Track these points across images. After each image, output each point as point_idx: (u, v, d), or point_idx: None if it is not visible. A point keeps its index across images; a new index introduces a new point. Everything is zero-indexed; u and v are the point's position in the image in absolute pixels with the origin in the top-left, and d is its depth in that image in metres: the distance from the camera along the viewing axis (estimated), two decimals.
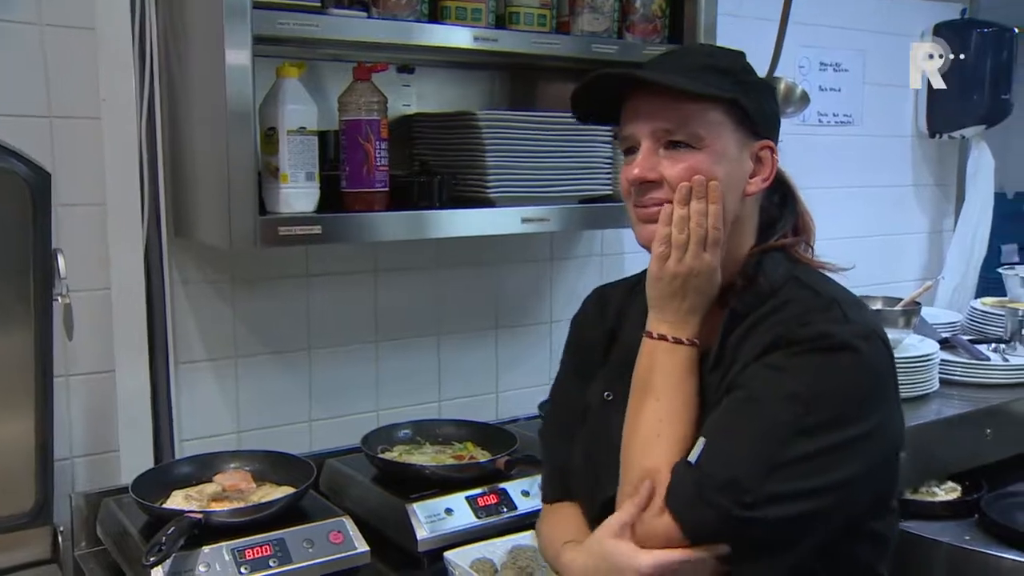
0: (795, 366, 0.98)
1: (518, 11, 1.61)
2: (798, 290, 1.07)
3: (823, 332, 0.99)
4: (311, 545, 1.33)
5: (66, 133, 1.49)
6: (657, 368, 1.05)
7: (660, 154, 1.06)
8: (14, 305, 1.28)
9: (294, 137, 1.42)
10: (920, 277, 2.77)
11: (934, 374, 2.01)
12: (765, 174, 1.09)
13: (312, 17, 1.39)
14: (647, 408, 1.04)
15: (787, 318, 1.03)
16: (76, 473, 1.56)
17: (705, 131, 1.04)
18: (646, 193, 1.07)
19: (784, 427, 0.96)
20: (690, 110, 1.04)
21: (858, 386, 0.99)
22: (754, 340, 1.03)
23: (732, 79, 1.05)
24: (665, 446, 1.01)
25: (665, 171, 1.05)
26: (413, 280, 1.87)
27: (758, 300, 1.06)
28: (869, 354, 1.00)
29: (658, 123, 1.05)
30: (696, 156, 1.04)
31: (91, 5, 1.47)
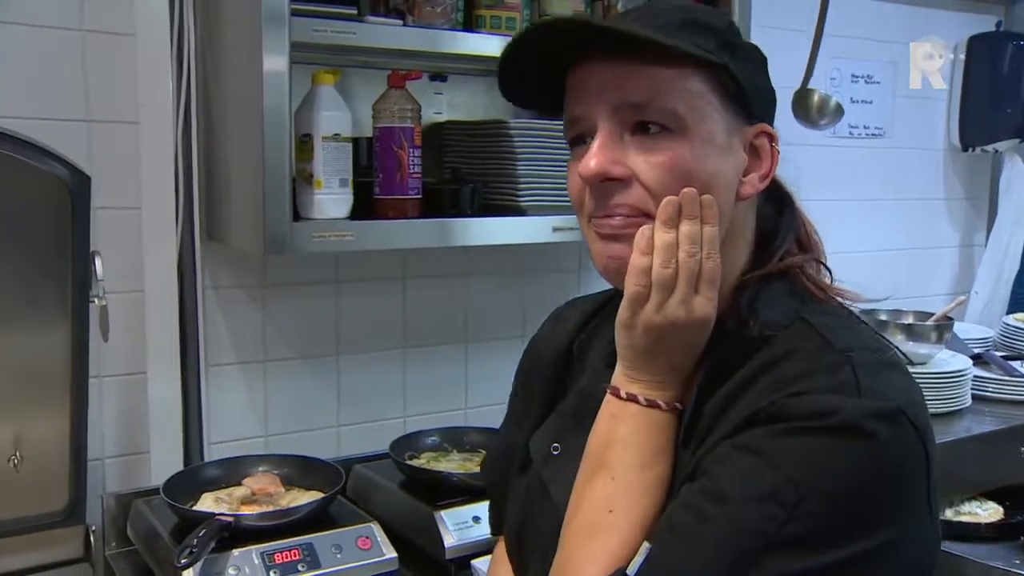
0: (778, 451, 0.70)
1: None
2: (803, 338, 0.77)
3: (823, 408, 0.70)
4: (339, 551, 1.34)
5: (104, 137, 1.51)
6: (619, 437, 0.78)
7: (625, 141, 0.77)
8: (52, 306, 1.29)
9: (329, 143, 1.43)
10: (951, 292, 2.74)
11: (966, 390, 1.99)
12: (764, 169, 0.81)
13: (349, 25, 1.40)
14: (597, 488, 0.77)
15: (778, 381, 0.74)
16: (107, 474, 1.58)
17: (685, 107, 0.75)
18: (608, 197, 0.77)
19: (754, 538, 0.68)
20: (664, 78, 0.75)
21: (864, 484, 0.69)
22: (740, 407, 0.75)
23: (717, 39, 0.77)
24: (606, 545, 0.75)
25: (636, 165, 0.76)
26: (442, 287, 1.88)
27: (749, 349, 0.77)
28: (888, 441, 0.70)
29: (621, 96, 0.75)
30: (675, 143, 0.76)
31: (131, 11, 1.49)
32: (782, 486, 0.69)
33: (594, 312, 0.99)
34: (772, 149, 0.82)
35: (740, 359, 0.78)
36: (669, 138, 0.76)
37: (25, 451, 1.31)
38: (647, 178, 0.76)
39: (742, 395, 0.76)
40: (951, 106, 2.67)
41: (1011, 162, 2.68)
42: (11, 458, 1.31)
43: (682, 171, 0.76)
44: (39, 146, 1.25)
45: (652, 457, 0.78)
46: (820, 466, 0.69)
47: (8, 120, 1.37)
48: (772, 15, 2.19)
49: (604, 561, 0.75)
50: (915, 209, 2.67)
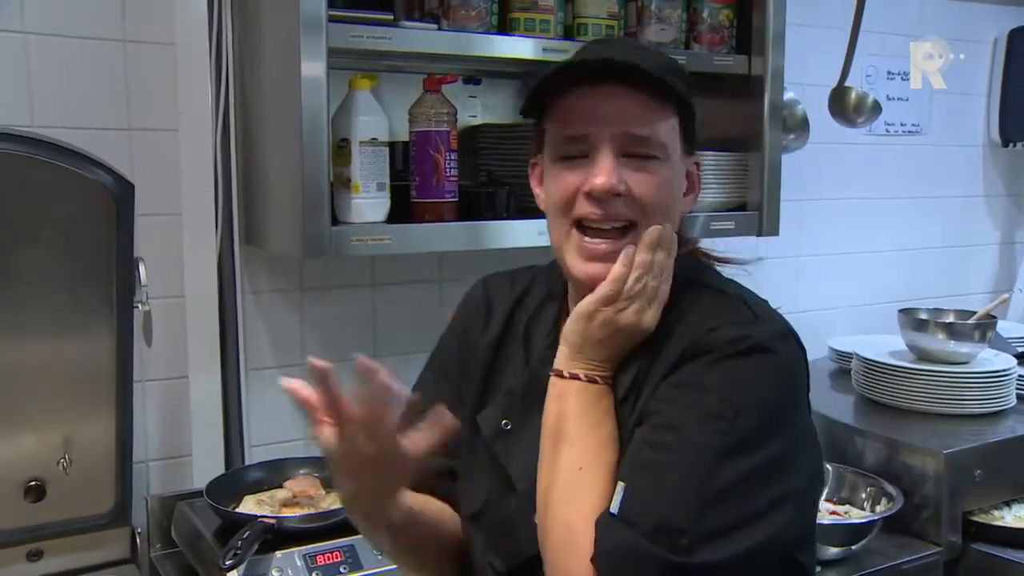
0: (710, 379, 0.86)
1: (586, 22, 1.61)
2: (700, 295, 0.95)
3: (737, 335, 0.87)
4: (380, 552, 1.34)
5: (145, 145, 1.54)
6: (569, 410, 0.91)
7: (620, 162, 0.91)
8: (97, 311, 1.32)
9: (366, 148, 1.44)
10: (992, 290, 2.69)
11: (1011, 390, 1.95)
12: (695, 192, 0.99)
13: (385, 30, 1.41)
14: (563, 455, 0.90)
15: (691, 326, 0.91)
16: (151, 476, 1.60)
17: (670, 142, 0.92)
18: (609, 206, 0.91)
19: (709, 451, 0.83)
20: (658, 115, 0.91)
21: (780, 392, 0.88)
22: (662, 357, 0.91)
23: (686, 83, 0.93)
24: (586, 497, 0.87)
25: (634, 186, 0.90)
26: None
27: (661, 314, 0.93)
28: (788, 356, 0.89)
29: (626, 127, 0.90)
30: (661, 169, 0.92)
31: (171, 22, 1.52)
32: (720, 405, 0.84)
33: (520, 296, 1.09)
34: (698, 175, 0.99)
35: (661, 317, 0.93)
36: (658, 164, 0.92)
37: (73, 454, 1.34)
38: (640, 194, 0.91)
39: (662, 349, 0.92)
40: (991, 101, 2.63)
41: None
42: (60, 461, 1.33)
43: (665, 191, 0.93)
44: (84, 154, 1.28)
45: (601, 419, 0.91)
46: (745, 383, 0.86)
47: (53, 130, 1.40)
48: (807, 13, 2.17)
49: (590, 510, 0.86)
50: (955, 206, 2.63)
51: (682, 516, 0.81)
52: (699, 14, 1.71)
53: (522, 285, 1.10)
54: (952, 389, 1.87)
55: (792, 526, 0.85)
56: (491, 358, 1.05)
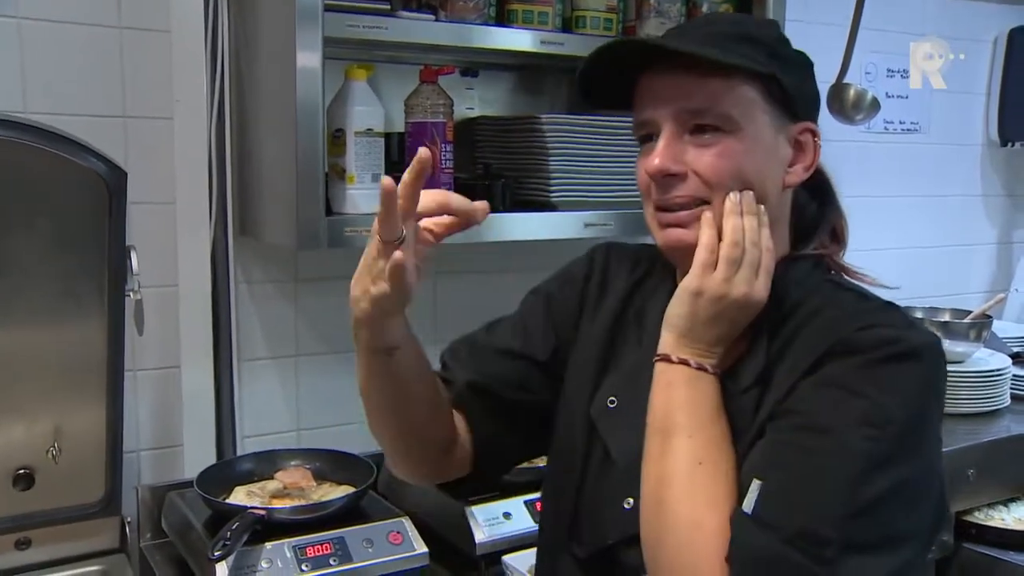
0: (860, 381, 0.81)
1: (584, 15, 1.60)
2: (837, 292, 0.92)
3: (891, 336, 0.82)
4: (370, 545, 1.34)
5: (139, 133, 1.53)
6: (682, 400, 0.86)
7: (685, 140, 0.88)
8: (89, 300, 1.31)
9: (361, 139, 1.43)
10: (989, 289, 2.69)
11: (1005, 389, 1.95)
12: (807, 161, 0.92)
13: (381, 20, 1.40)
14: (678, 449, 0.84)
15: (836, 322, 0.86)
16: (142, 466, 1.60)
17: (738, 112, 0.87)
18: (669, 189, 0.89)
19: (858, 459, 0.78)
20: (719, 87, 0.87)
21: (925, 404, 0.83)
22: (797, 352, 0.86)
23: (767, 51, 0.89)
24: (711, 493, 0.82)
25: (692, 162, 0.88)
26: (472, 283, 1.87)
27: (790, 308, 0.90)
28: (937, 368, 0.85)
29: (682, 103, 0.88)
30: (727, 142, 0.87)
31: (167, 9, 1.50)
32: (871, 410, 0.79)
33: (641, 278, 1.05)
34: (814, 143, 0.93)
35: (783, 316, 0.90)
36: (722, 137, 0.88)
37: (63, 443, 1.33)
38: (702, 171, 0.88)
39: (795, 344, 0.87)
40: (990, 100, 2.62)
41: None
42: (49, 450, 1.33)
43: (732, 164, 0.88)
44: (77, 142, 1.27)
45: (715, 411, 0.86)
46: (896, 390, 0.81)
47: (46, 116, 1.39)
48: (807, 10, 2.16)
49: (718, 508, 0.81)
50: (953, 205, 2.63)
51: (828, 525, 0.76)
52: (698, 8, 1.70)
53: (642, 268, 1.06)
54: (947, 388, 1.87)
55: (923, 556, 0.82)
56: (608, 339, 1.02)
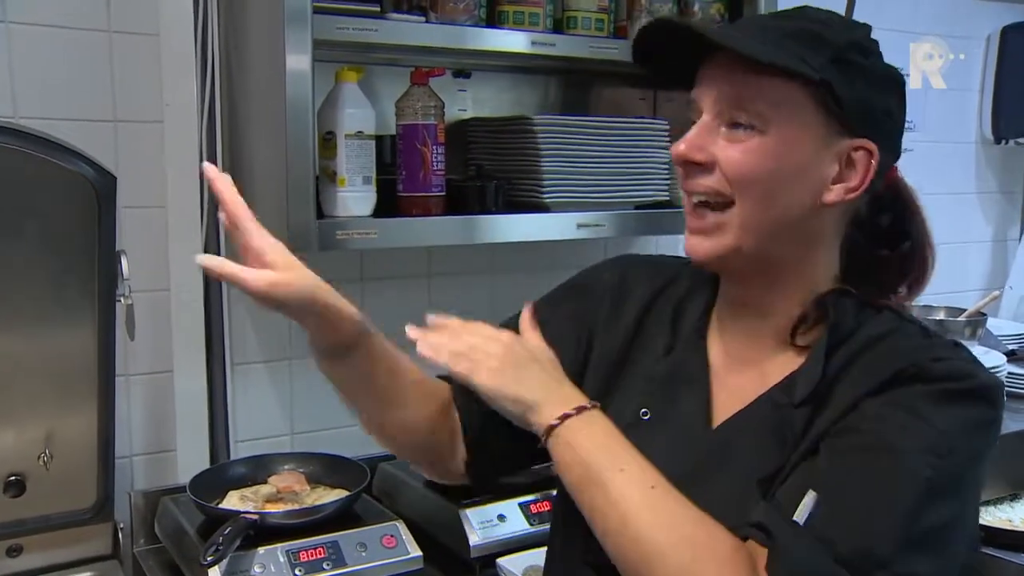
0: (932, 408, 0.78)
1: (575, 15, 1.60)
2: (901, 321, 0.87)
3: (964, 371, 0.81)
4: (364, 549, 1.34)
5: (130, 137, 1.52)
6: (590, 447, 0.83)
7: (720, 132, 0.85)
8: (79, 305, 1.30)
9: (352, 141, 1.43)
10: (984, 287, 2.69)
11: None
12: (854, 182, 0.85)
13: (371, 22, 1.39)
14: (620, 486, 0.81)
15: (907, 349, 0.83)
16: (134, 471, 1.59)
17: (773, 110, 0.82)
18: (692, 176, 0.86)
19: (924, 485, 0.75)
20: (762, 83, 0.82)
21: (984, 444, 0.81)
22: (859, 373, 0.83)
23: (830, 54, 0.82)
24: (687, 509, 0.80)
25: (719, 153, 0.84)
26: (467, 285, 1.87)
27: (848, 331, 0.86)
28: (999, 410, 0.83)
29: (722, 90, 0.84)
30: (759, 140, 0.83)
31: (156, 12, 1.50)
32: (937, 440, 0.77)
33: (663, 286, 1.02)
34: (869, 164, 0.86)
35: (842, 338, 0.85)
36: (755, 135, 0.83)
37: (54, 449, 1.33)
38: (725, 165, 0.84)
39: (856, 361, 0.84)
40: (983, 98, 2.62)
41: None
42: (41, 455, 1.32)
43: (757, 164, 0.83)
44: (66, 146, 1.26)
45: (623, 437, 0.85)
46: (962, 425, 0.79)
47: (35, 120, 1.38)
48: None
49: (699, 521, 0.79)
50: (947, 203, 2.62)
51: (885, 547, 0.74)
52: (690, 7, 1.70)
53: (665, 277, 1.03)
54: None
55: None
56: (624, 352, 0.99)
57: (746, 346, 0.92)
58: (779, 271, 0.88)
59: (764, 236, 0.85)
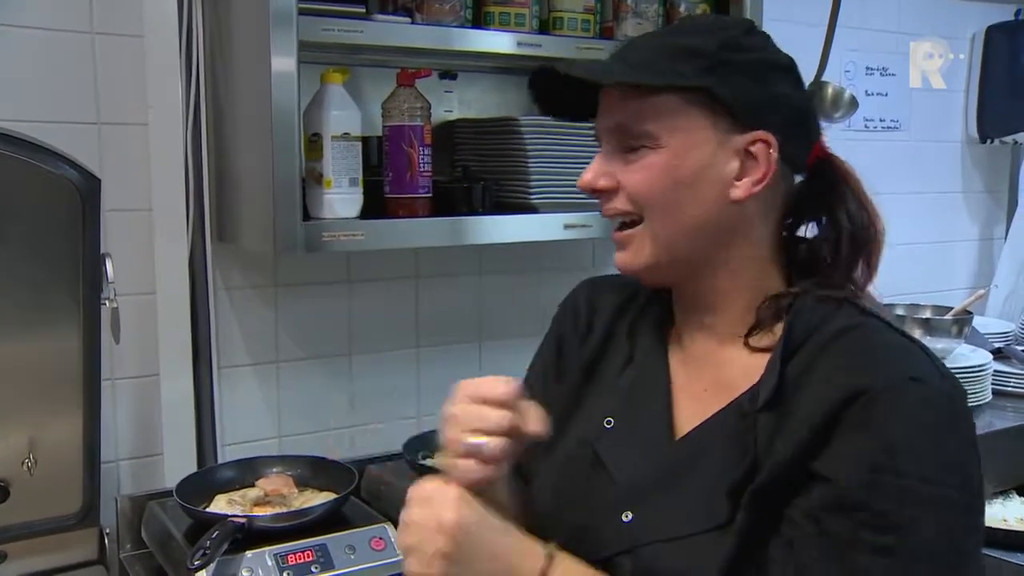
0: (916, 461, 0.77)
1: (562, 16, 1.60)
2: (862, 315, 0.86)
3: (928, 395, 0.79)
4: (352, 551, 1.33)
5: (114, 139, 1.51)
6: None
7: (619, 156, 0.89)
8: (63, 309, 1.29)
9: (338, 143, 1.42)
10: (970, 286, 2.70)
11: (987, 385, 1.96)
12: (758, 174, 0.86)
13: (357, 23, 1.39)
14: None
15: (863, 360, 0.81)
16: (121, 476, 1.58)
17: (658, 127, 0.86)
18: (604, 202, 0.91)
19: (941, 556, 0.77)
20: (644, 104, 0.86)
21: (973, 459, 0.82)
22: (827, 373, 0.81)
23: (705, 62, 0.85)
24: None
25: (620, 176, 0.88)
26: (454, 286, 1.87)
27: (804, 334, 0.85)
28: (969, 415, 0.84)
29: (611, 120, 0.89)
30: (651, 157, 0.86)
31: (140, 14, 1.49)
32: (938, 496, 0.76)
33: (624, 302, 1.04)
34: (769, 155, 0.86)
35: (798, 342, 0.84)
36: (647, 153, 0.87)
37: (39, 454, 1.32)
38: (627, 185, 0.88)
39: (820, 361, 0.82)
40: (969, 97, 2.63)
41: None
42: (25, 461, 1.31)
43: (655, 179, 0.87)
44: (49, 149, 1.25)
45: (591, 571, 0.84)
46: (950, 462, 0.79)
47: (18, 123, 1.37)
48: (785, 9, 2.16)
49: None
50: (933, 202, 2.64)
51: None
52: (676, 8, 1.70)
53: (625, 293, 1.05)
54: None
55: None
56: (590, 367, 1.01)
57: (703, 350, 0.93)
58: (712, 272, 0.90)
59: (681, 243, 0.88)
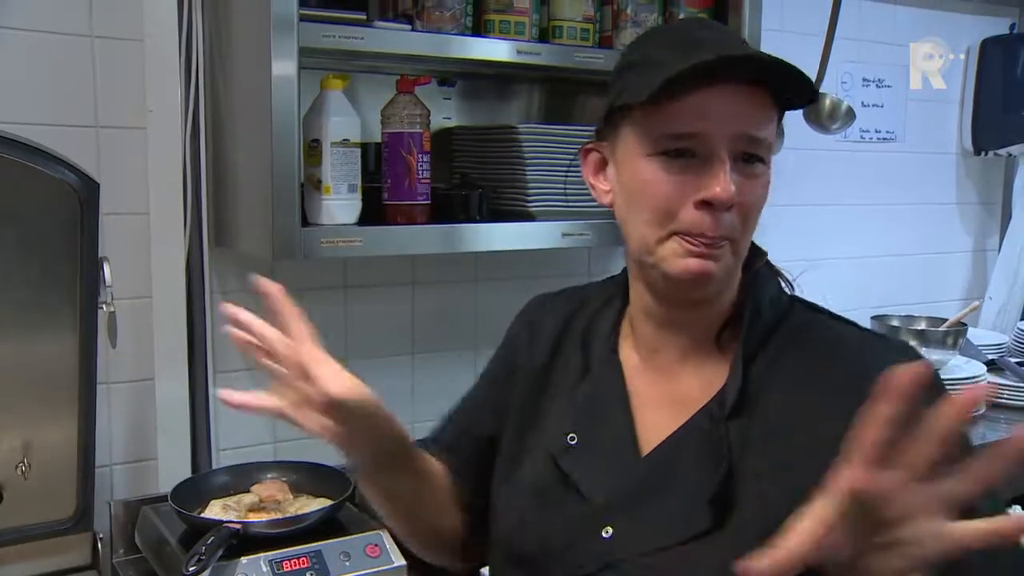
0: None
1: (561, 25, 1.61)
2: (811, 312, 0.90)
3: None
4: (348, 558, 1.33)
5: (112, 143, 1.51)
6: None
7: (734, 167, 0.82)
8: (60, 312, 1.29)
9: (337, 149, 1.43)
10: (964, 297, 2.71)
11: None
12: None
13: (357, 30, 1.39)
14: None
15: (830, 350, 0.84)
16: (115, 480, 1.57)
17: (770, 137, 0.84)
18: (718, 220, 0.81)
19: None
20: (769, 115, 0.83)
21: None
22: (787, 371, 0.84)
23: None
24: None
25: (746, 193, 0.82)
26: (450, 293, 1.87)
27: (766, 330, 0.87)
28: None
29: (746, 127, 0.81)
30: (767, 173, 0.85)
31: (140, 17, 1.49)
32: None
33: (571, 313, 1.02)
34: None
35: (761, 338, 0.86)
36: (762, 168, 0.84)
37: (33, 458, 1.31)
38: (749, 202, 0.83)
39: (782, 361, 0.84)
40: (963, 110, 2.65)
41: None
42: (19, 465, 1.30)
43: (764, 196, 0.85)
44: (48, 152, 1.25)
45: None
46: None
47: (17, 126, 1.36)
48: (783, 19, 2.18)
49: None
50: (927, 214, 2.65)
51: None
52: (675, 18, 1.71)
53: (573, 304, 1.04)
54: None
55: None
56: (543, 376, 0.99)
57: (666, 362, 0.91)
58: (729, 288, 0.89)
59: (742, 258, 0.88)
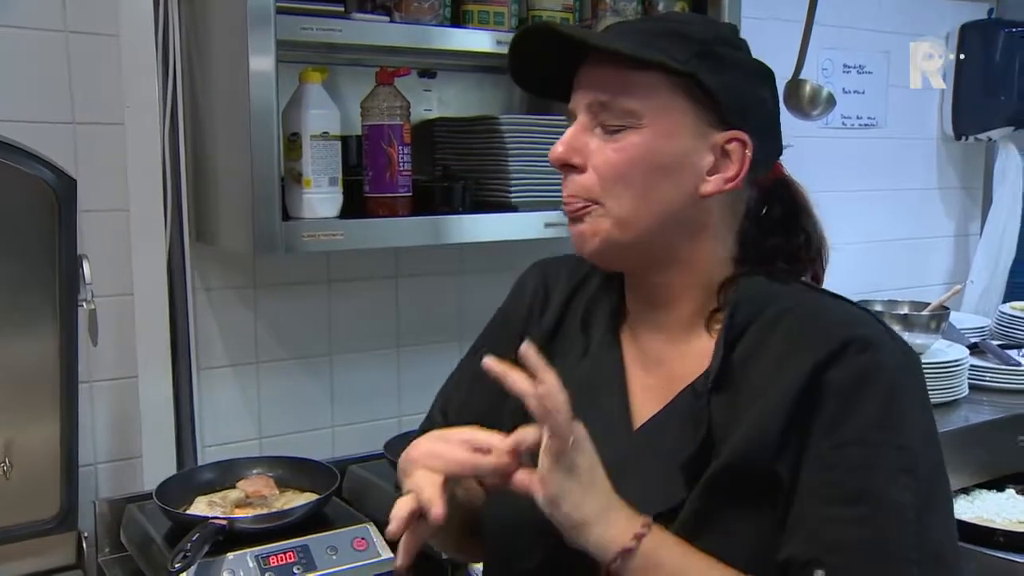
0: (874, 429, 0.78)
1: (540, 14, 1.60)
2: (810, 290, 0.88)
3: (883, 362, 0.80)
4: (335, 552, 1.33)
5: (90, 139, 1.50)
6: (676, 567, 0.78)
7: (594, 133, 0.85)
8: (40, 311, 1.28)
9: (317, 142, 1.42)
10: (947, 281, 2.73)
11: (963, 379, 1.98)
12: (730, 172, 0.85)
13: (335, 22, 1.38)
14: None
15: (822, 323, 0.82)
16: (99, 479, 1.56)
17: (642, 105, 0.83)
18: (567, 184, 0.86)
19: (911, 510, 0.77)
20: (631, 80, 0.83)
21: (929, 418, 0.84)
22: (779, 344, 0.83)
23: (697, 48, 0.83)
24: None
25: (593, 156, 0.84)
26: (435, 285, 1.87)
27: (750, 315, 0.85)
28: (921, 375, 0.86)
29: (594, 93, 0.85)
30: (632, 137, 0.83)
31: (115, 12, 1.47)
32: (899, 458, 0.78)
33: (578, 284, 1.02)
34: (744, 156, 0.85)
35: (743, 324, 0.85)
36: (628, 133, 0.84)
37: (15, 458, 1.30)
38: (601, 166, 0.84)
39: (772, 336, 0.84)
40: (944, 95, 2.66)
41: (1005, 150, 2.67)
42: (1, 465, 1.30)
43: (629, 160, 0.84)
44: (24, 149, 1.24)
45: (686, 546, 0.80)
46: (908, 424, 0.80)
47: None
48: (763, 6, 2.18)
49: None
50: (909, 199, 2.67)
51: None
52: (654, 7, 1.71)
53: (579, 274, 1.02)
54: None
55: None
56: (547, 342, 0.96)
57: (656, 348, 0.92)
58: (670, 262, 0.88)
59: (643, 229, 0.85)
